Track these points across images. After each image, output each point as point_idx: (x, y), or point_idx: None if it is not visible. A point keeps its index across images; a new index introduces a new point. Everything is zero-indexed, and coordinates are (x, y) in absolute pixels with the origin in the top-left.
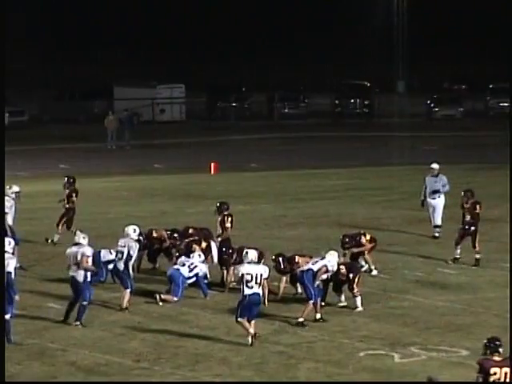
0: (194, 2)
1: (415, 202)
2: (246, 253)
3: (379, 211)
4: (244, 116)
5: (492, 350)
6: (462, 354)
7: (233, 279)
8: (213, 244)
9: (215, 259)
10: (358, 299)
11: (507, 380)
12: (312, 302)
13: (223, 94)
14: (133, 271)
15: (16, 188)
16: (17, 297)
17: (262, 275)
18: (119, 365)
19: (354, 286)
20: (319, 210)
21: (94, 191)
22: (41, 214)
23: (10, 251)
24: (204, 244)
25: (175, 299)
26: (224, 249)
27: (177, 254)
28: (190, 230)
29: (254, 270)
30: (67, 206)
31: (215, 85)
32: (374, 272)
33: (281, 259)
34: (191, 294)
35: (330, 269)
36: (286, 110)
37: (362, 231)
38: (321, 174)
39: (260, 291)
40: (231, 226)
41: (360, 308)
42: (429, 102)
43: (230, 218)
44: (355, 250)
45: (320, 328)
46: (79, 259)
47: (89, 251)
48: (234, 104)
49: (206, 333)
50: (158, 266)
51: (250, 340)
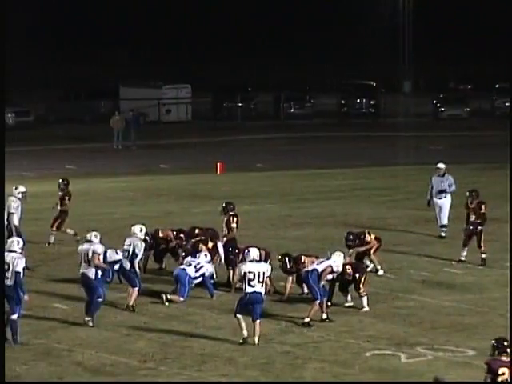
0: (199, 2)
1: (421, 201)
2: (248, 251)
3: (385, 211)
4: (250, 116)
5: (500, 350)
6: (469, 354)
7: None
8: (219, 244)
9: (222, 259)
10: (364, 299)
11: None
12: (318, 302)
13: (229, 94)
14: (139, 270)
15: (22, 188)
16: (26, 296)
17: (264, 273)
18: (125, 365)
19: (360, 286)
20: (325, 210)
21: (99, 191)
22: (47, 214)
23: (19, 251)
24: (210, 244)
25: (181, 299)
26: (230, 249)
27: (183, 254)
28: (196, 230)
29: (256, 268)
30: (60, 208)
31: (221, 85)
32: (380, 272)
33: (287, 259)
34: (197, 294)
35: (335, 269)
36: (292, 110)
37: (367, 230)
38: (327, 173)
39: (262, 290)
40: (237, 227)
41: (366, 308)
42: (435, 101)
43: (235, 219)
44: (362, 248)
45: (326, 328)
46: (90, 256)
47: (100, 249)
48: (239, 104)
49: (213, 333)
50: (164, 266)
51: (242, 340)
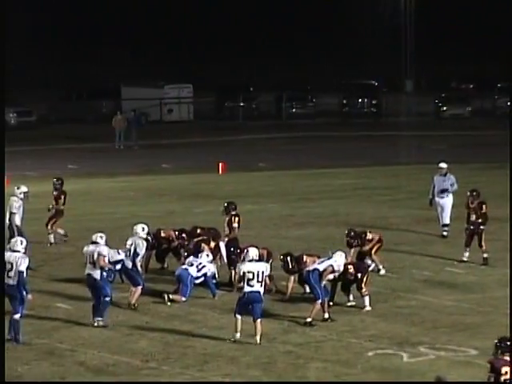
0: (201, 2)
1: (423, 201)
2: (247, 251)
3: (387, 210)
4: (252, 116)
5: (503, 349)
6: (471, 354)
7: None
8: (221, 244)
9: (224, 259)
10: (367, 299)
11: None
12: (319, 301)
13: (231, 93)
14: (141, 270)
15: (24, 188)
16: (29, 296)
17: (263, 273)
18: (128, 365)
19: (362, 285)
20: (327, 210)
21: (101, 191)
22: (49, 214)
23: (22, 251)
24: (212, 244)
25: (183, 299)
26: (232, 249)
27: (185, 254)
28: (198, 230)
29: (255, 267)
30: (55, 207)
31: (223, 85)
32: (382, 271)
33: (289, 259)
34: (199, 293)
35: (336, 269)
36: (294, 110)
37: (368, 230)
38: (329, 173)
39: (261, 289)
40: (239, 226)
41: (368, 307)
42: (437, 101)
43: (237, 218)
44: (366, 247)
45: (328, 327)
46: (95, 258)
47: (106, 250)
48: (241, 104)
49: (215, 333)
50: (166, 265)
51: (232, 338)
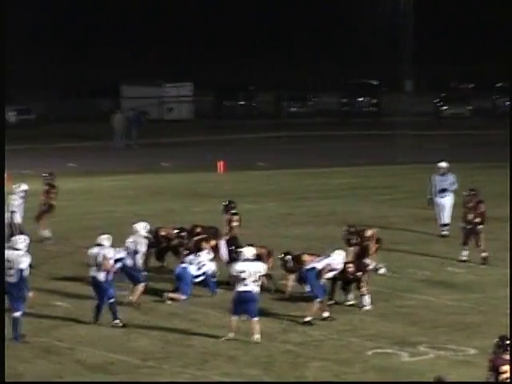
0: (200, 1)
1: (422, 200)
2: (242, 250)
3: (386, 210)
4: (251, 115)
5: (503, 348)
6: (470, 353)
7: None
8: (221, 242)
9: (224, 258)
10: (366, 298)
11: None
12: (318, 300)
13: (231, 92)
14: (142, 267)
15: (24, 186)
16: (30, 293)
17: (257, 273)
18: (127, 363)
19: (362, 284)
20: (326, 209)
21: (100, 190)
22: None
23: (24, 249)
24: (212, 242)
25: (183, 297)
26: (231, 247)
27: (185, 253)
28: (197, 229)
29: (249, 267)
30: (46, 201)
31: (223, 84)
32: (382, 271)
33: (288, 258)
34: (199, 292)
35: (334, 267)
36: (294, 109)
37: (367, 227)
38: (328, 172)
39: (255, 289)
40: (238, 225)
41: (368, 307)
42: (436, 100)
43: (236, 217)
44: (365, 244)
45: (328, 327)
46: (100, 261)
47: (110, 253)
48: (241, 103)
49: (215, 331)
50: (165, 264)
51: (226, 337)
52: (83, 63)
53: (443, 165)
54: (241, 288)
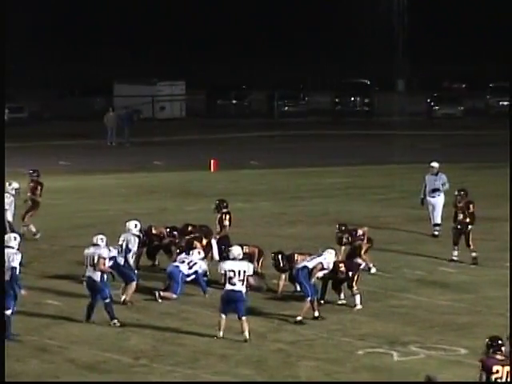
0: (195, 1)
1: (415, 200)
2: (230, 249)
3: (379, 209)
4: (244, 114)
5: (495, 348)
6: (461, 353)
7: None
8: (213, 241)
9: (216, 257)
10: (357, 297)
11: (509, 379)
12: (309, 299)
13: (223, 91)
14: (133, 265)
15: (16, 184)
16: (23, 291)
17: (244, 272)
18: (119, 362)
19: (353, 284)
20: (319, 208)
21: (93, 188)
22: (40, 210)
23: (16, 247)
24: (204, 241)
25: (174, 296)
26: (223, 246)
27: (177, 251)
28: (189, 228)
29: (237, 266)
30: (32, 199)
31: (215, 82)
32: (373, 270)
33: (280, 257)
34: (190, 291)
35: (325, 266)
36: (286, 108)
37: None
38: (320, 172)
39: (242, 288)
40: (230, 224)
41: (359, 306)
42: (429, 100)
43: (228, 216)
44: (356, 243)
45: (319, 326)
46: (95, 261)
47: (106, 253)
48: (234, 102)
49: (206, 330)
50: (157, 263)
51: (220, 334)
52: (76, 62)
53: (435, 165)
54: (229, 287)
